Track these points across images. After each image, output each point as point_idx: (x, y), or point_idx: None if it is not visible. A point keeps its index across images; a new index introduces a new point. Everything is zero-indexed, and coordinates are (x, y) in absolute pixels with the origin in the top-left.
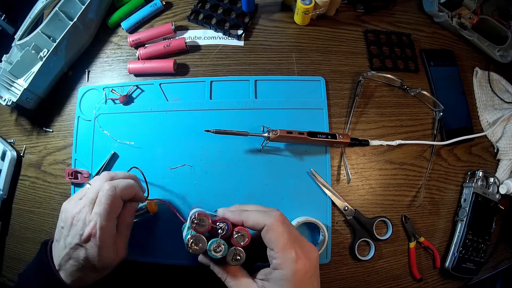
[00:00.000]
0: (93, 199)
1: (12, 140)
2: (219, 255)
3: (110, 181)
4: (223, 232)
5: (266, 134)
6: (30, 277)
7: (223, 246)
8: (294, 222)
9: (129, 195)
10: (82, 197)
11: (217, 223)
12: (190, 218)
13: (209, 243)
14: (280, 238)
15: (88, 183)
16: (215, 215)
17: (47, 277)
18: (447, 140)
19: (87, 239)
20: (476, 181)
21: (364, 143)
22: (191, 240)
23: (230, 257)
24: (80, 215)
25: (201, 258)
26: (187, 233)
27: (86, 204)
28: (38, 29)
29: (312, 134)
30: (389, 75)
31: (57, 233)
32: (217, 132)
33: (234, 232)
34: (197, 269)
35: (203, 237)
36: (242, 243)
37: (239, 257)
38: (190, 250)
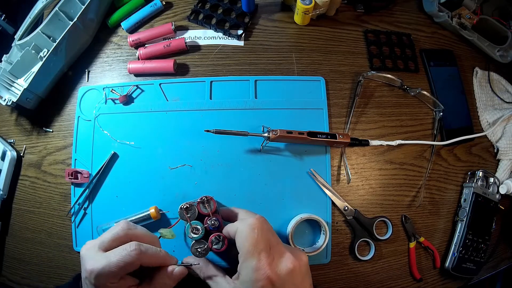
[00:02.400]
0: (103, 242)
1: (12, 140)
2: (192, 236)
3: (139, 243)
4: (211, 226)
5: (266, 134)
6: None
7: (199, 233)
8: (297, 218)
9: (149, 263)
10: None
11: (213, 216)
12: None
13: (193, 221)
14: (245, 244)
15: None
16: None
17: None
18: (447, 140)
19: (88, 277)
20: (476, 181)
21: (364, 143)
22: (186, 206)
23: (195, 247)
24: (86, 253)
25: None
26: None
27: (95, 243)
28: (38, 29)
29: (312, 134)
30: (389, 75)
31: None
32: (217, 132)
33: (216, 234)
34: None
35: (197, 211)
36: (214, 246)
37: (200, 251)
38: (178, 212)
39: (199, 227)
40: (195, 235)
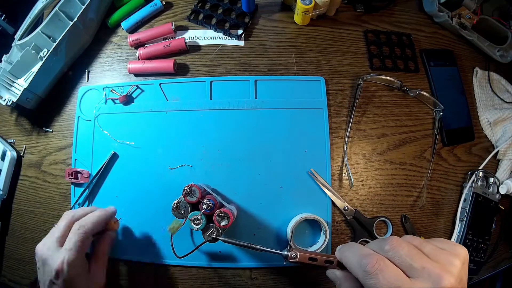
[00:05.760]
0: (59, 237)
1: (12, 140)
2: (196, 227)
3: (79, 221)
4: (207, 208)
5: (285, 253)
6: None
7: (201, 221)
8: (297, 218)
9: (98, 229)
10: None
11: (205, 199)
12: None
13: (190, 214)
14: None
15: (54, 225)
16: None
17: None
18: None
19: (57, 276)
20: (476, 181)
21: None
22: (176, 205)
23: (206, 234)
24: (48, 253)
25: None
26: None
27: (53, 242)
28: (38, 29)
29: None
30: (388, 77)
31: (38, 274)
32: (225, 241)
33: (217, 212)
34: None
35: (189, 206)
36: (222, 224)
37: (213, 236)
38: (173, 213)
39: (197, 216)
40: (198, 226)
